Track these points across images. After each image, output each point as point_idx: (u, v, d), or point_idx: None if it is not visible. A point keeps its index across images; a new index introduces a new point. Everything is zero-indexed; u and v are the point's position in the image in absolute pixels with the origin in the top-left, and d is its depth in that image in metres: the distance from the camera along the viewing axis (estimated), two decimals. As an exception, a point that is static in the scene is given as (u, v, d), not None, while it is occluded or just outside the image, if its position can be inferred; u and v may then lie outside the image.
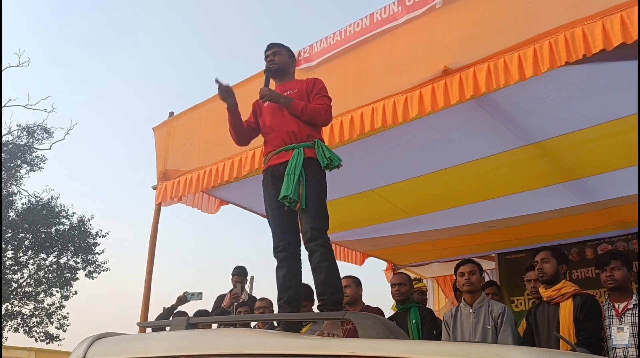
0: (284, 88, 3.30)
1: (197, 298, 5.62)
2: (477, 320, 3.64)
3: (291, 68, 3.49)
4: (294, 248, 2.94)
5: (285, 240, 2.93)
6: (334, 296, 2.65)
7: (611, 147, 4.48)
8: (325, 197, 2.97)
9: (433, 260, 7.84)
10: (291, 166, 2.89)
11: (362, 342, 1.62)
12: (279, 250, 2.92)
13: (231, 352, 1.78)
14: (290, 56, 3.51)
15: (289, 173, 2.86)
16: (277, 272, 2.89)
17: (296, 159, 2.91)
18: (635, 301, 3.27)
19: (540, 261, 3.60)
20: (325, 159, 2.93)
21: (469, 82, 3.47)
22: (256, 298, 5.37)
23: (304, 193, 2.82)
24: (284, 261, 2.88)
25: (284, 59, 3.40)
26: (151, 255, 5.11)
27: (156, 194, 5.33)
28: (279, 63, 3.36)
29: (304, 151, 2.96)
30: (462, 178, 5.04)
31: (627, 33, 2.95)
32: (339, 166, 2.99)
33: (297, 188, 2.81)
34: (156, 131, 5.62)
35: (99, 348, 2.31)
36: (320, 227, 2.83)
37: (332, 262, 2.76)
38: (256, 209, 6.00)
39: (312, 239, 2.78)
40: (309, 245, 2.81)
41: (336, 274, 2.75)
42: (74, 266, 19.20)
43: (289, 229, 2.97)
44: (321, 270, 2.71)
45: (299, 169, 2.86)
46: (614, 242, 6.42)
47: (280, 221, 2.98)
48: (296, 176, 2.83)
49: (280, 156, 3.04)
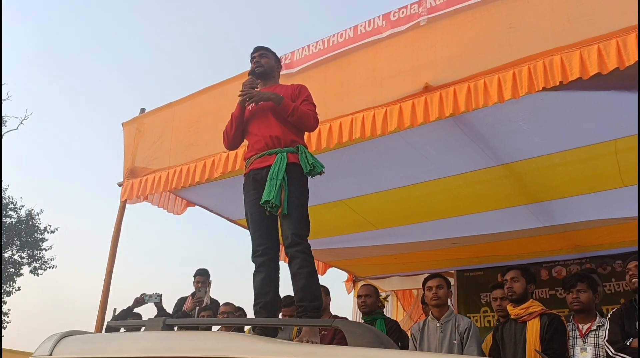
0: (270, 89, 3.29)
1: (155, 300, 5.47)
2: (443, 335, 3.69)
3: (276, 73, 3.49)
4: (273, 254, 2.91)
5: (264, 245, 2.90)
6: (313, 303, 2.64)
7: (575, 173, 4.65)
8: (306, 203, 2.96)
9: (394, 274, 7.90)
10: (274, 170, 2.86)
11: (353, 350, 1.61)
12: (257, 254, 2.89)
13: (216, 355, 1.74)
14: (276, 61, 3.51)
15: (271, 177, 2.84)
16: (254, 277, 2.85)
17: (279, 164, 2.89)
18: (598, 323, 3.39)
19: (510, 280, 3.69)
20: (309, 165, 2.93)
21: (449, 100, 3.54)
22: (219, 303, 5.28)
23: (285, 198, 2.79)
24: (263, 266, 2.85)
25: (270, 62, 3.40)
26: (112, 254, 4.95)
27: (122, 191, 5.18)
28: (265, 66, 3.35)
29: (287, 156, 2.95)
30: (432, 194, 5.13)
31: (603, 64, 3.08)
32: (321, 172, 2.99)
33: (279, 193, 2.78)
34: (125, 126, 5.47)
35: (68, 345, 2.20)
36: (301, 233, 2.81)
37: (311, 269, 2.75)
38: (223, 213, 5.92)
39: (293, 245, 2.76)
40: (289, 250, 2.78)
41: (315, 281, 2.75)
42: (18, 262, 18.42)
43: (268, 234, 2.93)
44: (300, 277, 2.69)
45: (282, 174, 2.84)
46: (568, 265, 6.65)
47: (260, 225, 2.94)
48: (279, 181, 2.81)
49: (263, 160, 3.02)
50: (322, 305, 2.77)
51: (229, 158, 4.45)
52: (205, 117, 4.88)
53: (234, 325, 4.00)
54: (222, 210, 5.88)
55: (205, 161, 4.63)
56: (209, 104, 4.92)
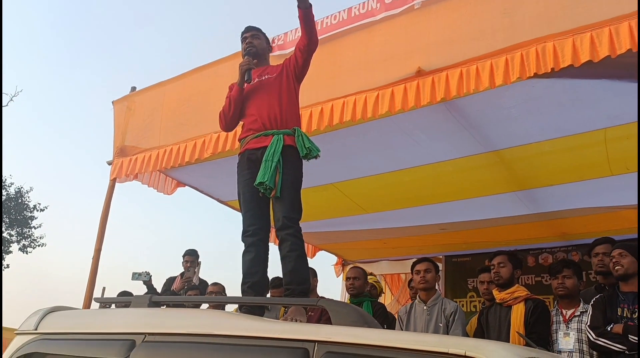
0: (262, 72, 3.26)
1: (144, 278, 5.46)
2: (430, 317, 3.73)
3: (267, 54, 3.48)
4: (263, 235, 2.91)
5: (254, 225, 2.90)
6: (301, 286, 2.65)
7: (564, 161, 4.68)
8: (300, 187, 2.96)
9: (383, 258, 7.95)
10: (269, 152, 2.85)
11: (338, 328, 1.62)
12: (247, 234, 2.89)
13: (201, 332, 1.75)
14: (267, 42, 3.50)
15: (266, 159, 2.83)
16: (243, 256, 2.86)
17: (275, 146, 2.87)
18: (582, 308, 3.44)
19: (497, 265, 3.73)
20: (305, 148, 2.92)
21: (441, 85, 3.54)
22: (207, 283, 5.30)
23: (280, 181, 2.79)
24: (252, 246, 2.85)
25: (262, 43, 3.39)
26: (101, 232, 4.94)
27: (111, 170, 5.16)
28: (257, 47, 3.33)
29: (283, 139, 2.93)
30: (422, 179, 5.14)
31: (595, 52, 3.09)
32: (317, 156, 2.99)
33: (273, 175, 2.78)
34: (116, 104, 5.43)
35: (53, 321, 2.21)
36: (293, 216, 2.82)
37: (301, 252, 2.76)
38: (214, 194, 5.92)
39: (284, 228, 2.77)
40: (280, 233, 2.79)
41: (304, 264, 2.75)
42: (7, 239, 18.33)
43: (259, 215, 2.93)
44: (290, 260, 2.70)
45: (277, 157, 2.83)
46: (554, 252, 6.71)
47: (252, 206, 2.94)
48: (274, 163, 2.80)
49: (258, 141, 3.00)
50: (310, 288, 2.79)
51: (219, 139, 4.43)
52: (195, 97, 4.86)
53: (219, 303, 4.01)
54: (212, 191, 5.88)
55: (196, 141, 4.62)
56: (199, 84, 4.88)
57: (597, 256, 3.69)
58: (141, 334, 1.89)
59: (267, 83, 3.19)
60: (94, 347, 1.98)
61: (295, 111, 3.18)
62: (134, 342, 1.88)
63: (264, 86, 3.17)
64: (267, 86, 3.17)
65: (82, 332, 2.09)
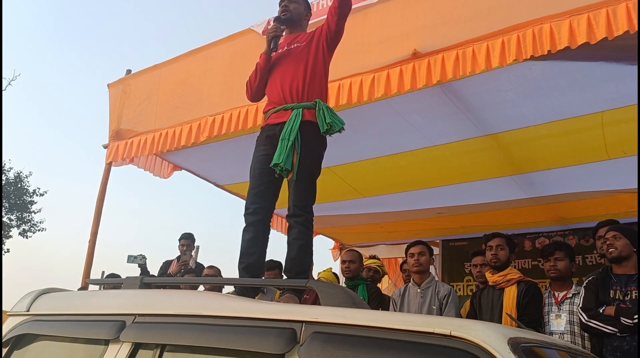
0: (292, 40, 3.07)
1: (139, 261, 5.47)
2: (423, 300, 3.75)
3: (304, 21, 3.22)
4: (264, 215, 2.80)
5: (256, 204, 2.79)
6: (299, 276, 2.60)
7: (561, 145, 4.66)
8: (317, 169, 2.82)
9: (380, 242, 7.98)
10: (286, 130, 2.69)
11: (326, 309, 1.63)
12: (248, 212, 2.80)
13: (190, 313, 1.75)
14: (306, 7, 3.25)
15: (283, 137, 2.67)
16: (243, 235, 2.78)
17: (293, 123, 2.71)
18: (574, 291, 3.45)
19: (496, 247, 3.72)
20: (325, 124, 2.71)
21: (437, 67, 3.51)
22: (204, 266, 5.31)
23: (297, 163, 2.65)
24: (251, 225, 2.77)
25: (299, 8, 3.15)
26: (97, 215, 4.94)
27: (107, 154, 5.14)
28: (293, 11, 3.11)
29: (302, 113, 2.75)
30: (419, 163, 5.13)
31: (592, 33, 3.06)
32: (341, 130, 2.81)
33: (290, 157, 2.63)
34: (111, 87, 5.39)
35: (45, 302, 2.22)
36: (304, 204, 2.72)
37: (306, 242, 2.69)
38: (210, 177, 5.91)
39: (293, 215, 2.71)
40: (289, 219, 2.73)
41: (307, 254, 2.69)
42: (7, 224, 18.39)
43: (264, 194, 2.81)
44: (293, 247, 2.66)
45: (294, 135, 2.66)
46: (551, 237, 6.73)
47: (258, 183, 2.82)
48: (290, 141, 2.64)
49: (278, 116, 2.85)
50: (308, 278, 2.73)
51: (214, 122, 4.41)
52: (191, 80, 4.82)
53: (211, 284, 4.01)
54: (208, 175, 5.87)
55: (191, 124, 4.59)
56: (195, 67, 4.85)
57: (601, 239, 3.67)
58: (131, 315, 1.90)
59: (294, 52, 3.00)
60: (85, 327, 1.98)
61: (321, 82, 2.96)
62: (124, 322, 1.88)
63: (292, 55, 2.99)
64: (295, 55, 2.98)
65: (74, 313, 2.10)
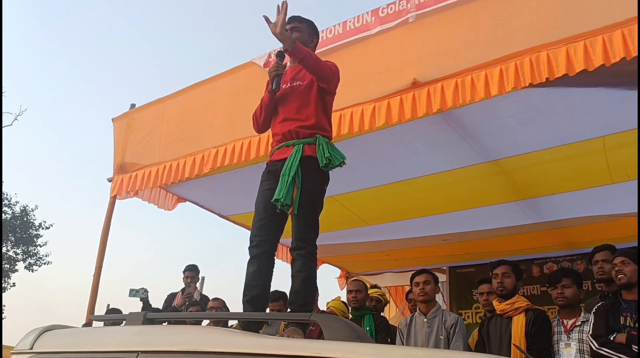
0: (296, 74, 3.06)
1: (141, 295, 5.44)
2: (430, 330, 3.70)
3: (309, 46, 3.11)
4: (267, 248, 2.80)
5: (260, 237, 2.80)
6: (302, 308, 2.59)
7: (564, 169, 4.66)
8: (318, 202, 2.82)
9: (386, 270, 7.93)
10: (287, 166, 2.73)
11: (329, 343, 1.61)
12: (252, 245, 2.80)
13: (193, 349, 1.74)
14: (311, 33, 3.18)
15: (283, 173, 2.71)
16: (247, 268, 2.78)
17: (293, 159, 2.74)
18: (583, 318, 3.39)
19: (502, 275, 3.68)
20: (324, 158, 2.73)
21: (437, 96, 3.55)
22: (209, 298, 5.28)
23: (297, 197, 2.67)
24: (255, 258, 2.77)
25: (302, 37, 3.06)
26: (102, 249, 4.95)
27: (111, 187, 5.18)
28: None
29: (302, 149, 2.78)
30: (422, 190, 5.13)
31: (589, 60, 3.09)
32: (342, 164, 2.82)
33: (290, 192, 2.66)
34: (115, 122, 5.46)
35: (48, 340, 2.21)
36: (307, 237, 2.72)
37: (309, 274, 2.68)
38: (214, 208, 5.93)
39: (295, 248, 2.71)
40: (292, 252, 2.73)
41: (310, 287, 2.67)
42: (13, 258, 18.39)
43: (267, 227, 2.82)
44: (296, 280, 2.65)
45: (294, 171, 2.70)
46: (559, 262, 6.66)
47: (262, 217, 2.83)
48: (290, 177, 2.68)
49: (281, 152, 2.88)
50: (312, 311, 2.71)
51: (217, 154, 4.45)
52: (195, 113, 4.89)
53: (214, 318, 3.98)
54: (213, 206, 5.89)
55: (195, 156, 4.63)
56: (198, 100, 4.92)
57: (597, 263, 3.65)
58: (134, 352, 1.88)
59: (297, 90, 3.00)
60: (88, 365, 1.97)
61: (323, 118, 2.97)
62: (126, 360, 1.87)
63: (294, 93, 2.99)
64: (296, 93, 2.99)
65: (77, 351, 2.08)
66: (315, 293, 2.82)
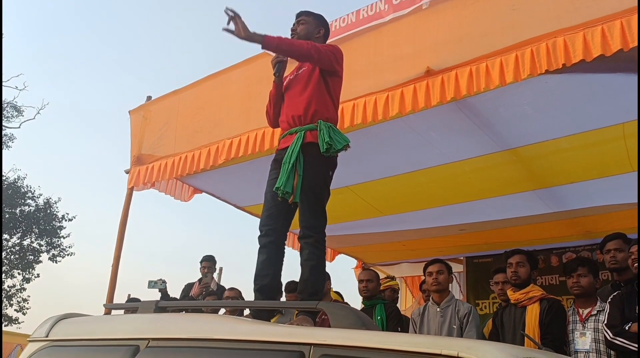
0: (301, 64, 3.09)
1: (160, 286, 5.51)
2: (443, 319, 3.69)
3: (315, 38, 3.11)
4: (276, 237, 2.82)
5: (268, 226, 2.81)
6: (312, 297, 2.58)
7: (583, 157, 4.59)
8: (322, 189, 2.81)
9: (403, 260, 7.90)
10: (287, 154, 2.73)
11: (335, 331, 1.62)
12: (261, 234, 2.82)
13: (201, 337, 1.76)
14: (317, 26, 3.17)
15: (284, 161, 2.71)
16: (257, 257, 2.79)
17: (294, 146, 2.74)
18: (599, 307, 3.35)
19: (516, 265, 3.65)
20: (325, 143, 2.68)
21: (451, 84, 3.49)
22: (225, 288, 5.33)
23: (299, 185, 2.66)
24: (264, 247, 2.79)
25: (307, 28, 3.09)
26: (120, 240, 5.01)
27: (129, 179, 5.24)
28: (300, 33, 3.08)
29: (304, 136, 2.77)
30: (437, 180, 5.09)
31: (607, 45, 3.02)
32: (346, 148, 2.79)
33: (289, 180, 2.65)
34: (132, 114, 5.52)
35: (63, 328, 2.26)
36: (313, 224, 2.72)
37: (317, 263, 2.68)
38: (230, 199, 5.96)
39: (302, 236, 2.71)
40: (300, 241, 2.74)
41: (319, 275, 2.67)
42: (37, 249, 18.77)
43: (276, 216, 2.83)
44: (305, 269, 2.66)
45: (294, 158, 2.69)
46: (578, 251, 6.56)
47: (270, 206, 2.85)
48: (290, 164, 2.67)
49: (285, 140, 2.90)
50: (321, 298, 2.72)
51: (232, 145, 4.47)
52: (209, 104, 4.91)
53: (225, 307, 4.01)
54: (228, 197, 5.92)
55: (210, 147, 4.66)
56: (213, 91, 4.94)
57: (609, 252, 3.58)
58: (145, 339, 1.92)
59: (301, 77, 3.02)
60: (100, 353, 2.01)
61: (327, 104, 2.94)
62: (138, 347, 1.90)
63: (298, 80, 3.01)
64: (300, 79, 3.00)
65: (90, 338, 2.13)
66: (324, 281, 2.81)
